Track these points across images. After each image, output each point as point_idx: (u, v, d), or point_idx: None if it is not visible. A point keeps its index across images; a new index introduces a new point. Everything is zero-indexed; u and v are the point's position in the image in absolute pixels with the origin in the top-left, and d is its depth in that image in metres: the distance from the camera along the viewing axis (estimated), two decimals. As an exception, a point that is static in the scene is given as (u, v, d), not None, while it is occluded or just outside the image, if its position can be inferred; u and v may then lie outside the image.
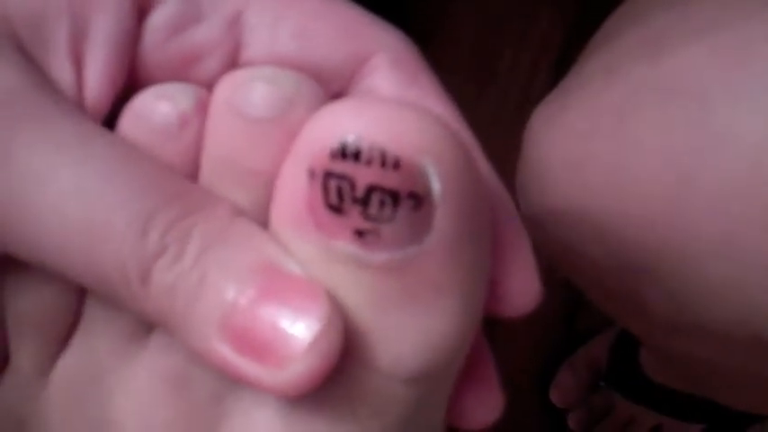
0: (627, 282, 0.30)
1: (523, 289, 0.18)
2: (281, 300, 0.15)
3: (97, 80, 0.17)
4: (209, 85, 0.18)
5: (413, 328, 0.16)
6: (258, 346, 0.15)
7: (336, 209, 0.15)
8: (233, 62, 0.18)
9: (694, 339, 0.31)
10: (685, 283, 0.27)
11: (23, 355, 0.18)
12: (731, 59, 0.25)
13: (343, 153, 0.15)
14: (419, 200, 0.15)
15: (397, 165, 0.15)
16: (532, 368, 0.66)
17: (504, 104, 0.64)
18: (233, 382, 0.17)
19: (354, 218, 0.15)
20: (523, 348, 0.66)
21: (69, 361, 0.18)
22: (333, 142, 0.15)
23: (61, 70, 0.17)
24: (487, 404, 0.19)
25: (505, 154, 0.34)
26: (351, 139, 0.15)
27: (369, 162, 0.15)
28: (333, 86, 0.18)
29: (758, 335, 0.26)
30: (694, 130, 0.25)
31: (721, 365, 0.34)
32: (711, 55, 0.25)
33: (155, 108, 0.17)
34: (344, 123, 0.15)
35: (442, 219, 0.15)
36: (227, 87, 0.17)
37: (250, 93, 0.16)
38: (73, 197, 0.16)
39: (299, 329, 0.15)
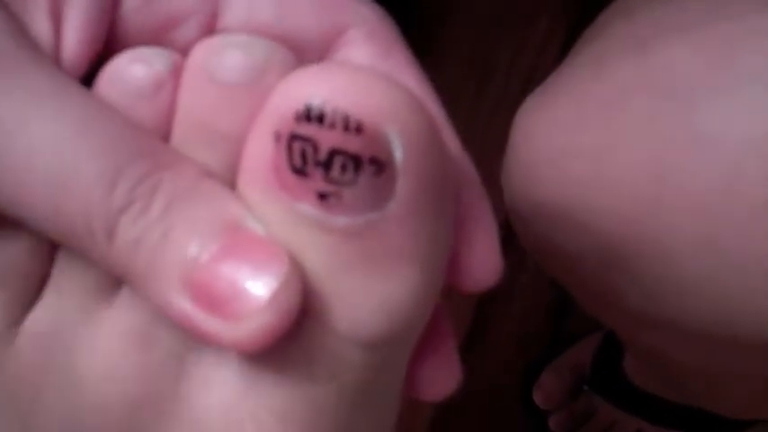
0: (605, 277, 0.31)
1: (484, 263, 0.18)
2: (243, 257, 0.16)
3: (75, 39, 0.18)
4: (185, 51, 0.18)
5: (371, 294, 0.16)
6: (217, 301, 0.16)
7: (300, 171, 0.15)
8: (209, 29, 0.19)
9: (672, 338, 0.32)
10: (662, 280, 0.28)
11: None
12: (716, 58, 0.25)
13: (308, 116, 0.15)
14: (381, 165, 0.15)
15: (359, 129, 0.15)
16: (517, 369, 0.66)
17: (502, 102, 0.64)
18: (194, 341, 0.18)
19: (317, 180, 0.15)
20: (508, 349, 0.66)
21: (38, 315, 0.19)
22: (298, 105, 0.15)
23: (40, 27, 0.18)
24: (444, 375, 0.19)
25: (503, 151, 0.35)
26: (316, 102, 0.15)
27: (332, 125, 0.15)
28: (308, 57, 0.18)
29: (734, 333, 0.27)
30: (678, 127, 0.26)
31: (701, 367, 0.34)
32: (697, 53, 0.26)
33: (130, 70, 0.18)
34: (310, 87, 0.15)
35: (404, 186, 0.15)
36: (201, 53, 0.17)
37: (223, 59, 0.17)
38: (44, 148, 0.16)
39: (258, 287, 0.15)
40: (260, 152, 0.16)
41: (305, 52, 0.18)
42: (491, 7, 0.63)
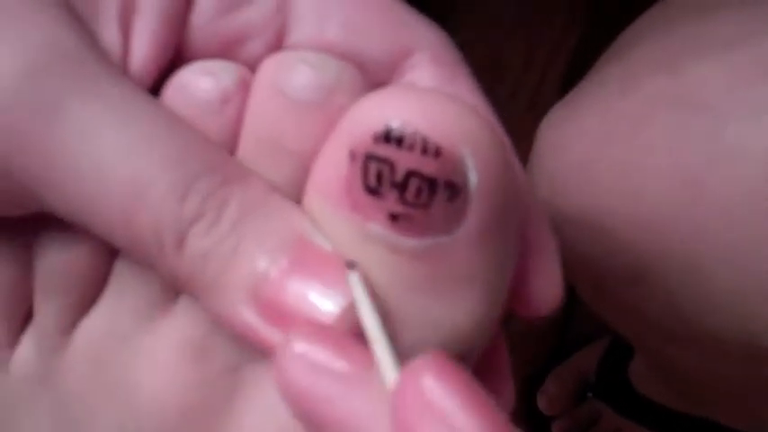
0: (628, 287, 0.31)
1: (545, 291, 0.19)
2: (312, 273, 0.16)
3: (143, 50, 0.18)
4: (252, 66, 0.18)
5: (436, 314, 0.16)
6: (284, 315, 0.16)
7: (374, 191, 0.16)
8: (278, 45, 0.19)
9: (690, 347, 0.32)
10: (686, 289, 0.28)
11: (48, 312, 0.19)
12: (747, 77, 0.25)
13: (386, 137, 0.15)
14: (455, 190, 0.15)
15: (437, 153, 0.15)
16: (521, 374, 0.67)
17: (513, 107, 0.64)
18: (251, 353, 0.18)
19: (390, 201, 0.15)
20: (513, 354, 0.66)
21: (93, 322, 0.19)
22: (377, 125, 0.15)
23: (110, 37, 0.18)
24: (500, 396, 0.19)
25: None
26: (395, 124, 0.15)
27: (410, 148, 0.15)
28: (375, 77, 0.19)
29: (755, 344, 0.27)
30: (707, 141, 0.26)
31: (717, 377, 0.34)
32: (728, 71, 0.26)
33: (198, 83, 0.18)
34: (390, 108, 0.15)
35: (476, 211, 0.16)
36: (272, 68, 0.18)
37: (294, 75, 0.17)
38: (117, 156, 0.16)
39: (327, 304, 0.16)
40: (333, 169, 0.16)
41: (371, 73, 0.19)
42: (503, 10, 0.63)
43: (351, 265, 0.16)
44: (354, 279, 0.16)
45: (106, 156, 0.16)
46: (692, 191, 0.26)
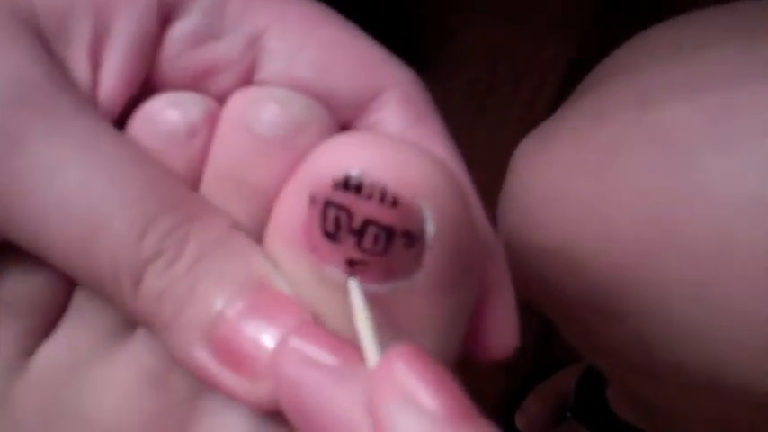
0: (595, 317, 0.31)
1: (501, 338, 0.19)
2: (267, 316, 0.16)
3: (112, 81, 0.18)
4: (222, 99, 0.18)
5: None
6: (238, 357, 0.16)
7: (332, 236, 0.16)
8: (247, 80, 0.19)
9: (658, 379, 0.32)
10: (650, 326, 0.28)
11: (6, 335, 0.19)
12: (717, 117, 0.26)
13: (346, 185, 0.15)
14: (412, 239, 0.16)
15: (395, 203, 0.15)
16: (501, 393, 0.67)
17: (502, 127, 0.64)
18: (205, 387, 0.18)
19: (348, 247, 0.16)
20: (493, 373, 0.67)
21: (51, 348, 0.19)
22: (337, 173, 0.16)
23: (79, 67, 0.18)
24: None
25: (501, 175, 0.35)
26: (354, 172, 0.15)
27: (369, 197, 0.15)
28: (342, 116, 0.19)
29: (720, 380, 0.27)
30: (676, 178, 0.26)
31: (685, 410, 0.35)
32: (698, 110, 0.26)
33: (165, 114, 0.18)
34: (350, 156, 0.16)
35: (432, 259, 0.16)
36: (239, 103, 0.18)
37: (261, 111, 0.17)
38: (78, 193, 0.16)
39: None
40: (293, 212, 0.16)
41: (339, 110, 0.19)
42: (496, 31, 0.64)
43: (350, 265, 0.16)
44: (352, 283, 0.16)
45: (67, 191, 0.16)
46: (658, 227, 0.27)
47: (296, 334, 0.16)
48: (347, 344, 0.16)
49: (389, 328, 0.16)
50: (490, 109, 0.64)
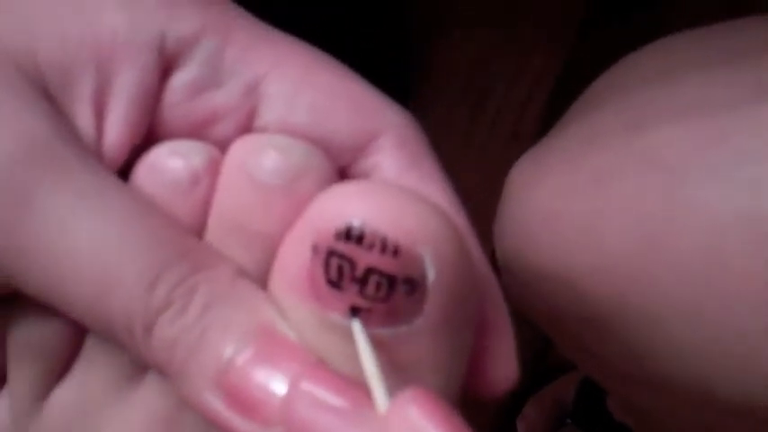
0: (591, 334, 0.32)
1: (501, 375, 0.19)
2: (275, 363, 0.17)
3: (116, 132, 0.19)
4: (222, 146, 0.19)
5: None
6: (248, 403, 0.16)
7: (335, 285, 0.16)
8: (247, 127, 0.19)
9: (650, 392, 0.33)
10: (643, 337, 0.29)
11: (20, 380, 0.20)
12: (709, 139, 0.26)
13: (348, 235, 0.16)
14: (414, 285, 0.16)
15: (396, 252, 0.16)
16: (500, 400, 0.67)
17: (494, 137, 0.65)
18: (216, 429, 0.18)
19: (351, 295, 0.16)
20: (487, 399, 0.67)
21: (65, 392, 0.19)
22: (339, 224, 0.16)
23: (83, 119, 0.18)
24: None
25: (494, 183, 0.36)
26: (356, 223, 0.16)
27: (370, 246, 0.16)
28: (340, 159, 0.19)
29: (709, 392, 0.28)
30: (666, 199, 0.27)
31: (678, 421, 0.35)
32: (690, 134, 0.27)
33: (168, 163, 0.18)
34: (351, 207, 0.16)
35: (433, 304, 0.16)
36: (240, 150, 0.18)
37: (262, 159, 0.18)
38: (88, 246, 0.17)
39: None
40: (297, 261, 0.17)
41: (337, 154, 0.19)
42: (488, 36, 0.64)
43: (354, 311, 0.16)
44: (357, 325, 0.16)
45: (78, 245, 0.17)
46: (651, 245, 0.27)
47: (306, 378, 0.16)
48: (356, 386, 0.16)
49: (393, 369, 0.17)
50: (482, 115, 0.65)
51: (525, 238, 0.33)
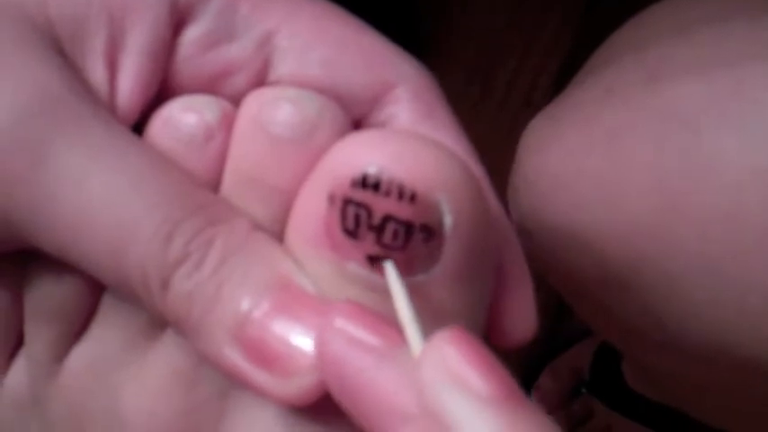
0: (609, 294, 0.32)
1: (520, 325, 0.19)
2: (293, 315, 0.17)
3: (129, 86, 0.19)
4: (236, 100, 0.19)
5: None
6: (267, 356, 0.17)
7: (352, 234, 0.16)
8: (261, 80, 0.20)
9: (668, 352, 0.33)
10: (663, 301, 0.29)
11: (38, 341, 0.20)
12: (726, 93, 0.26)
13: (364, 183, 0.16)
14: (431, 232, 0.16)
15: (413, 198, 0.16)
16: (515, 370, 0.68)
17: (508, 105, 0.65)
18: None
19: (368, 244, 0.16)
20: (507, 350, 0.67)
21: (83, 351, 0.20)
22: (355, 172, 0.16)
23: (96, 74, 0.18)
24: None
25: (506, 155, 0.36)
26: (372, 170, 0.16)
27: (387, 193, 0.16)
28: (354, 112, 0.19)
29: (727, 351, 0.28)
30: (684, 155, 0.27)
31: (696, 381, 0.35)
32: (707, 87, 0.27)
33: (182, 118, 0.19)
34: (367, 155, 0.16)
35: (450, 251, 0.17)
36: (253, 104, 0.18)
37: (276, 112, 0.18)
38: (104, 201, 0.17)
39: (308, 345, 0.16)
40: (313, 212, 0.17)
41: (351, 107, 0.19)
42: (496, 15, 0.64)
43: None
44: (389, 267, 0.16)
45: (93, 200, 0.17)
46: (668, 201, 0.27)
47: (340, 314, 0.16)
48: (389, 325, 0.16)
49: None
50: (492, 92, 0.65)
51: (541, 198, 0.33)
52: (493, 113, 0.64)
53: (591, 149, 0.31)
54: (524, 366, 0.68)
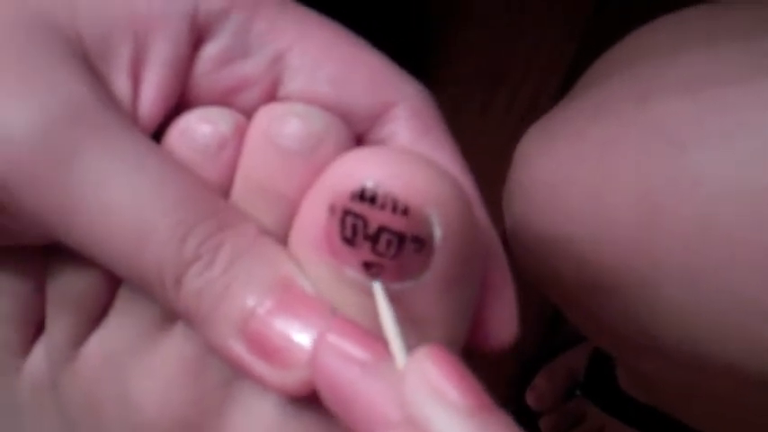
0: (594, 300, 0.33)
1: (502, 331, 0.21)
2: (293, 313, 0.18)
3: (151, 97, 0.20)
4: (249, 113, 0.21)
5: None
6: (269, 349, 0.18)
7: (350, 242, 0.18)
8: (272, 95, 0.21)
9: (656, 359, 0.34)
10: (645, 306, 0.30)
11: (58, 327, 0.21)
12: (711, 112, 0.28)
13: (362, 196, 0.18)
14: (421, 243, 0.18)
15: (405, 211, 0.18)
16: (511, 370, 0.69)
17: (509, 117, 0.66)
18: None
19: (364, 251, 0.18)
20: (503, 355, 0.69)
21: (99, 339, 0.21)
22: (354, 185, 0.18)
23: (121, 86, 0.20)
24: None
25: (510, 158, 0.37)
26: (369, 185, 0.18)
27: (382, 206, 0.18)
28: (357, 127, 0.21)
29: (710, 359, 0.29)
30: (669, 169, 0.28)
31: (680, 385, 0.36)
32: (694, 106, 0.28)
33: (198, 129, 0.20)
34: (365, 170, 0.18)
35: (439, 261, 0.18)
36: (264, 118, 0.20)
37: (285, 126, 0.20)
38: (125, 203, 0.18)
39: (306, 341, 0.18)
40: (315, 220, 0.19)
41: (355, 123, 0.21)
42: (502, 23, 0.65)
43: (374, 275, 0.18)
44: (377, 287, 0.18)
45: (115, 201, 0.18)
46: (651, 211, 0.28)
47: (333, 330, 0.18)
48: (376, 339, 0.18)
49: (404, 322, 0.19)
50: (497, 98, 0.66)
51: (532, 206, 0.34)
52: (498, 118, 0.66)
53: (582, 161, 0.32)
54: (521, 367, 0.69)
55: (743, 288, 0.27)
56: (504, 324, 0.21)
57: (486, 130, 0.65)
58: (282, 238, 0.20)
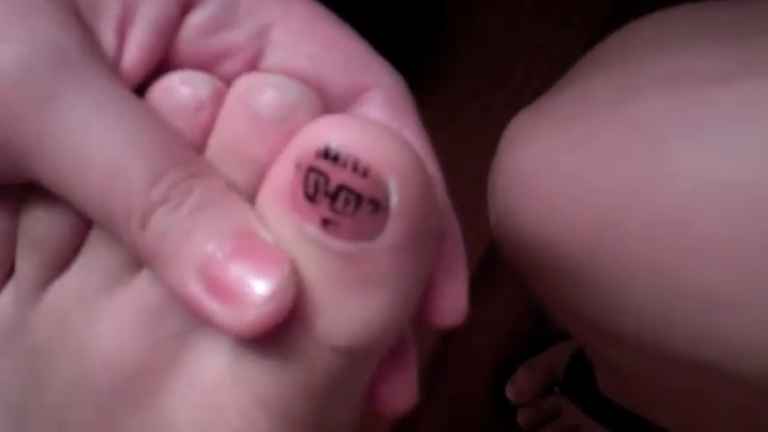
0: (567, 286, 0.34)
1: (450, 309, 0.22)
2: (251, 259, 0.19)
3: (134, 55, 0.21)
4: (228, 81, 0.21)
5: (352, 309, 0.20)
6: (225, 291, 0.19)
7: (311, 198, 0.19)
8: (253, 66, 0.22)
9: (626, 351, 0.35)
10: (614, 295, 0.31)
11: (27, 267, 0.22)
12: (691, 107, 0.28)
13: (326, 154, 0.19)
14: (377, 205, 0.19)
15: (365, 173, 0.18)
16: (493, 362, 0.70)
17: (515, 106, 0.67)
18: (195, 326, 0.21)
19: (323, 208, 0.19)
20: (487, 341, 0.69)
21: (66, 281, 0.22)
22: (319, 144, 0.19)
23: (106, 40, 0.21)
24: (401, 393, 0.23)
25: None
26: (334, 144, 0.18)
27: (344, 165, 0.18)
28: (331, 106, 0.22)
29: (670, 350, 0.30)
30: (644, 161, 0.29)
31: (647, 379, 0.37)
32: (674, 101, 0.29)
33: (178, 89, 0.21)
34: (333, 132, 0.19)
35: (394, 225, 0.19)
36: (243, 86, 0.21)
37: (261, 95, 0.20)
38: (101, 143, 0.19)
39: (260, 285, 0.19)
40: (281, 176, 0.19)
41: (330, 100, 0.22)
42: (508, 21, 0.66)
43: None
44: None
45: (92, 141, 0.19)
46: (624, 203, 0.29)
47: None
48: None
49: (352, 284, 0.19)
50: (504, 89, 0.67)
51: (515, 193, 0.35)
52: (503, 110, 0.66)
53: (564, 150, 0.33)
54: (503, 361, 0.70)
55: (705, 283, 0.27)
56: (452, 303, 0.22)
57: (495, 115, 0.66)
58: (250, 199, 0.21)
